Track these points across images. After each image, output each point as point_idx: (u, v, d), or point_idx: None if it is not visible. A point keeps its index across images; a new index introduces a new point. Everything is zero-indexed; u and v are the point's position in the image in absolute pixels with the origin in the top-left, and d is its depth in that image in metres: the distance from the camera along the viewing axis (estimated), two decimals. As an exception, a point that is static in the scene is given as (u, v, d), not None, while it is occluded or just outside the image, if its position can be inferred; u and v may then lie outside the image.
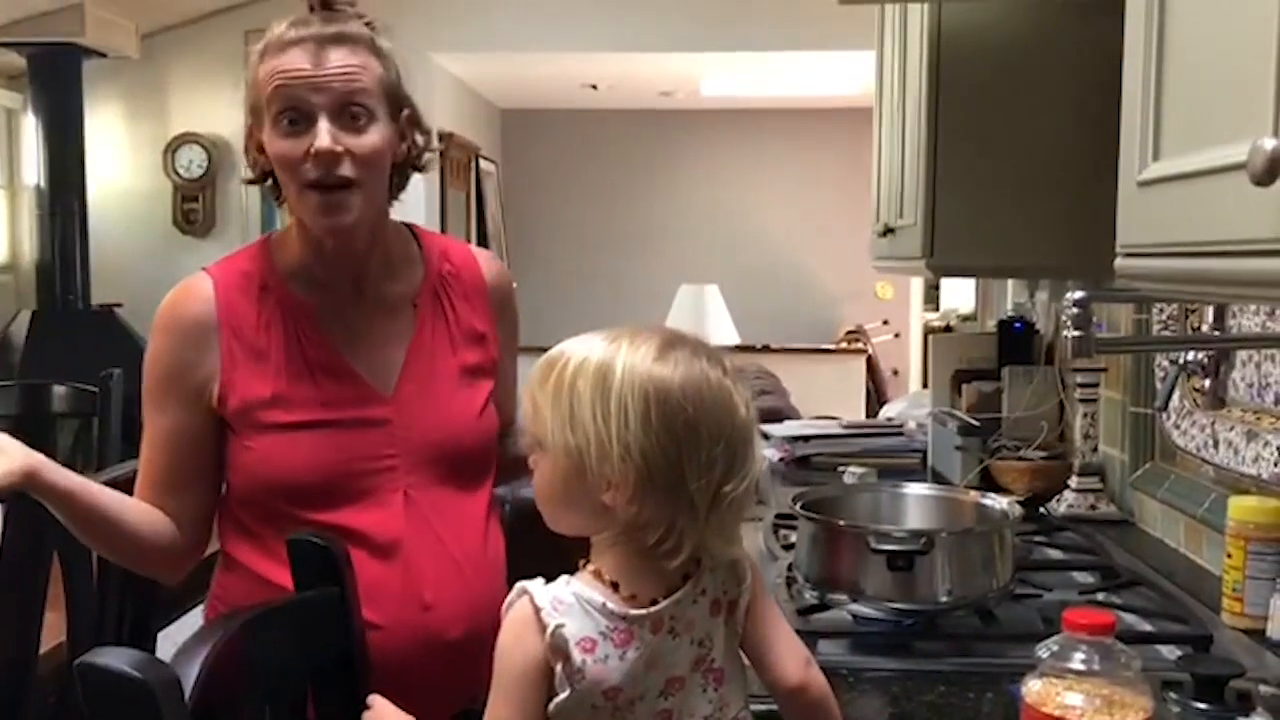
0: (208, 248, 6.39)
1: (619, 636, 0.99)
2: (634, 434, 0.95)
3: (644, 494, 0.96)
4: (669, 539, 0.98)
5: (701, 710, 1.02)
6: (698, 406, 0.97)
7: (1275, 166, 0.76)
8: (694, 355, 1.00)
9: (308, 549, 1.17)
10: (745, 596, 1.05)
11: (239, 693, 1.01)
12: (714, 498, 0.98)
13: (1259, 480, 1.60)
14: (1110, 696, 0.97)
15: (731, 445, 0.98)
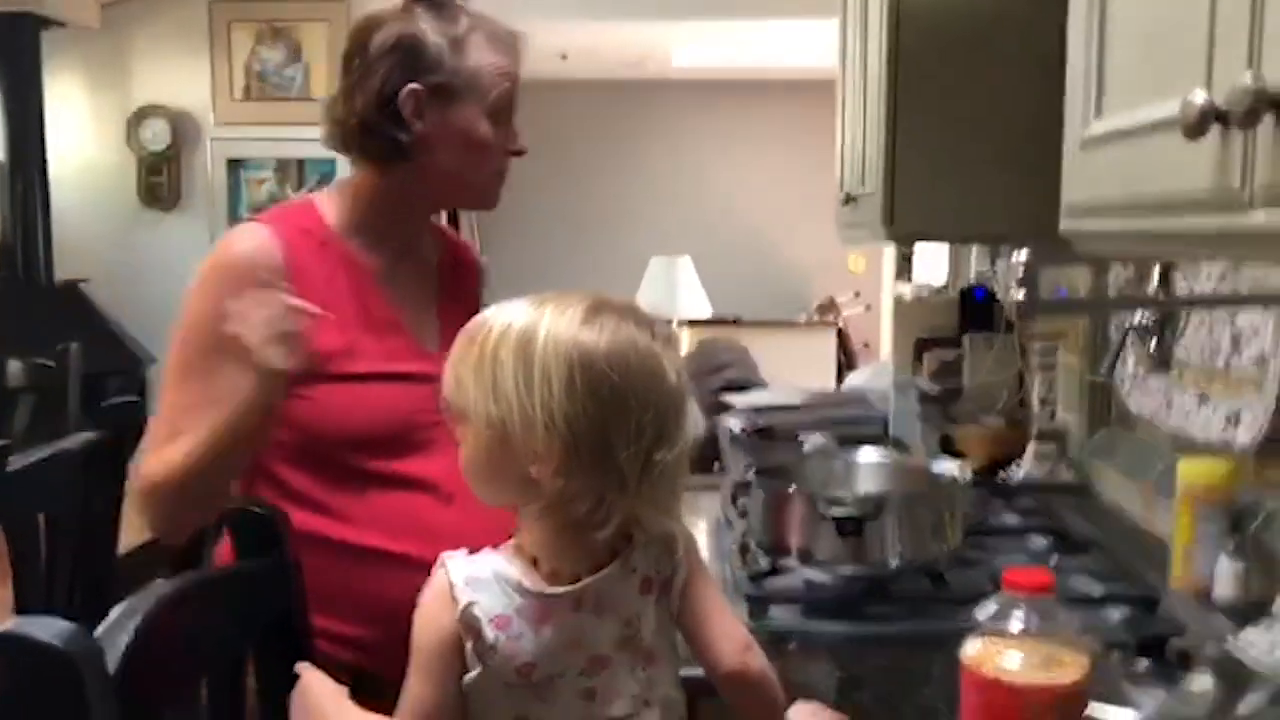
0: (174, 222, 6.32)
1: (535, 614, 0.98)
2: (558, 402, 0.93)
3: (571, 465, 0.94)
4: (598, 511, 0.95)
5: (629, 689, 1.00)
6: (624, 373, 0.94)
7: (1205, 120, 0.76)
8: (621, 320, 0.97)
9: (248, 519, 1.16)
10: (680, 574, 1.03)
11: (171, 663, 0.99)
12: (644, 467, 0.95)
13: (1209, 444, 1.61)
14: (1049, 655, 0.97)
15: (661, 412, 0.96)
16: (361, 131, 1.37)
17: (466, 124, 1.37)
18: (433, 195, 1.44)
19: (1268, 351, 1.46)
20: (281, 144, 6.24)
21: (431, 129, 1.36)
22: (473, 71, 1.36)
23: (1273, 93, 0.70)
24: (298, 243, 1.37)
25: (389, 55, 1.35)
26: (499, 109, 1.39)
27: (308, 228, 1.40)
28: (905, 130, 1.96)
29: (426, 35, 1.35)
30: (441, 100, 1.36)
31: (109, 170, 6.28)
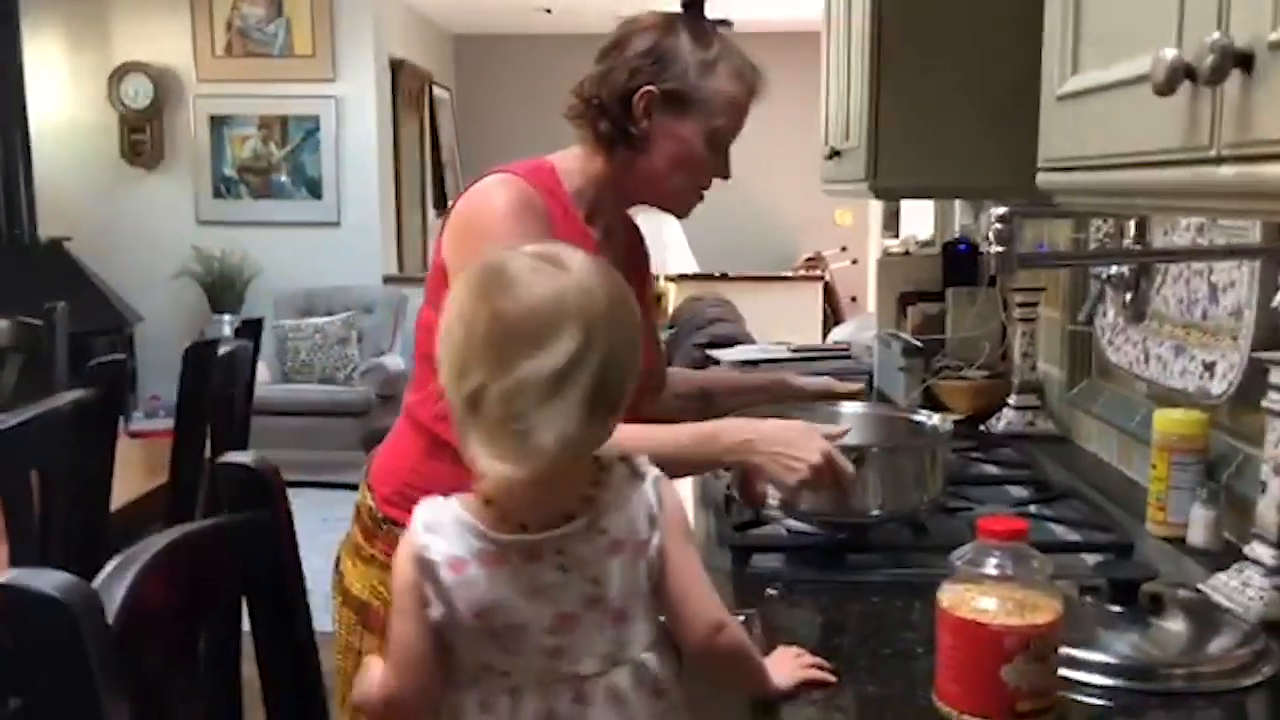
0: (157, 180, 6.30)
1: (487, 558, 1.01)
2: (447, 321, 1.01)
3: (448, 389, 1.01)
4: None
5: (598, 648, 1.03)
6: (487, 303, 0.99)
7: (1175, 76, 0.77)
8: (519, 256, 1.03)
9: (237, 472, 1.17)
10: (656, 539, 1.04)
11: (168, 614, 1.02)
12: (475, 394, 0.98)
13: (1186, 394, 1.64)
14: (1022, 600, 1.00)
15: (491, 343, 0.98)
16: (598, 111, 1.47)
17: (684, 137, 1.47)
18: (638, 189, 1.53)
19: (1243, 303, 1.48)
20: (264, 101, 6.21)
21: (654, 131, 1.46)
22: (709, 94, 1.47)
23: (1239, 49, 0.72)
24: (550, 201, 1.45)
25: (644, 56, 1.46)
26: (719, 135, 1.49)
27: (552, 189, 1.47)
28: (889, 85, 1.97)
29: (682, 50, 1.46)
30: (671, 108, 1.46)
31: (91, 128, 6.24)
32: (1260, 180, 0.72)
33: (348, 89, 6.20)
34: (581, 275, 1.01)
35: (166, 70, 6.20)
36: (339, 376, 5.85)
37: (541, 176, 1.47)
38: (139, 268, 6.19)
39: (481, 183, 1.44)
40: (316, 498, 5.24)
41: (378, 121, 6.29)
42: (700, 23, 1.50)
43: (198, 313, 6.20)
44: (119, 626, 0.91)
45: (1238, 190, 0.75)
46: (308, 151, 6.26)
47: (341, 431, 5.53)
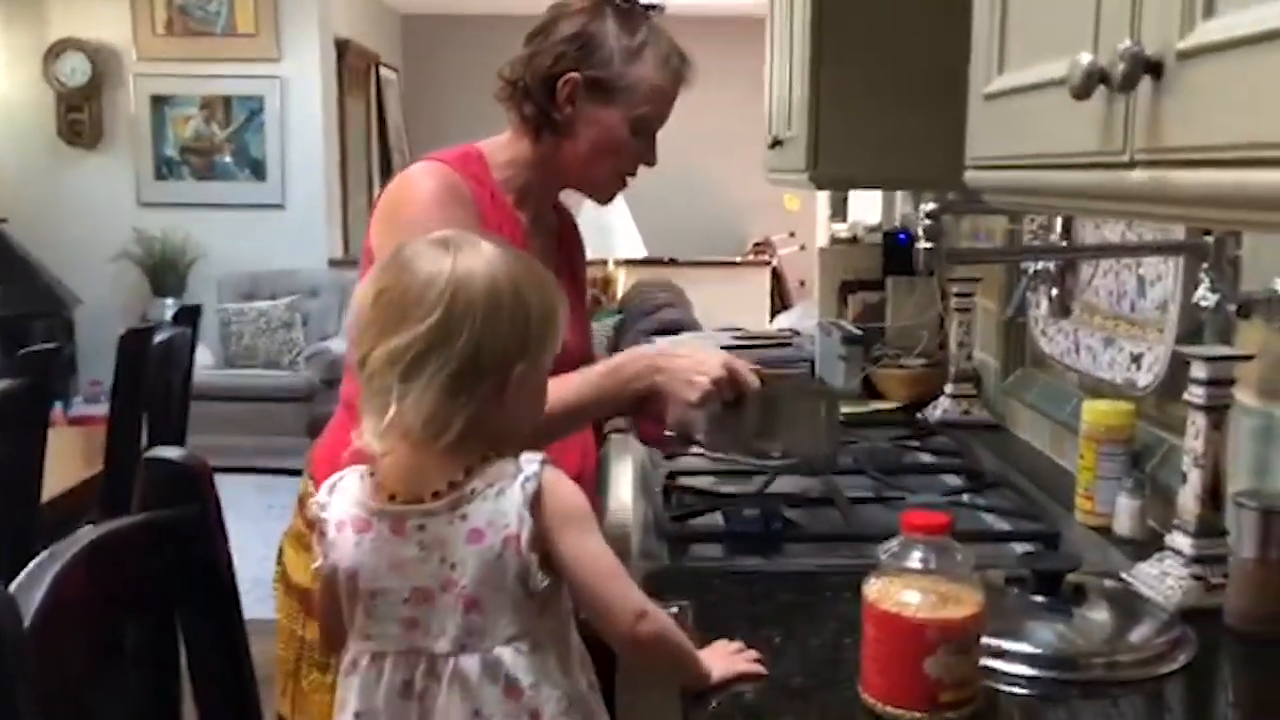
0: (96, 160, 6.18)
1: (358, 524, 1.09)
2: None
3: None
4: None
5: (449, 631, 1.06)
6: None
7: (1091, 82, 0.78)
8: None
9: (164, 467, 1.16)
10: (526, 535, 1.04)
11: (89, 613, 1.00)
12: (360, 365, 1.06)
13: (1114, 385, 1.67)
14: (945, 593, 1.02)
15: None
16: (523, 95, 1.47)
17: (608, 124, 1.47)
18: (563, 173, 1.53)
19: (1169, 297, 1.51)
20: (207, 80, 6.11)
21: (577, 117, 1.46)
22: (633, 82, 1.46)
23: (1149, 57, 0.73)
24: (476, 188, 1.45)
25: (568, 42, 1.45)
26: (643, 122, 1.49)
27: (479, 175, 1.47)
28: (829, 76, 1.98)
29: (607, 36, 1.46)
30: (595, 95, 1.46)
31: (26, 106, 6.10)
32: (1169, 186, 0.73)
33: (292, 69, 6.11)
34: (467, 260, 1.06)
35: (104, 48, 6.08)
36: (283, 361, 5.79)
37: (469, 163, 1.47)
38: (78, 250, 6.08)
39: (408, 170, 1.46)
40: (260, 483, 5.20)
41: (323, 102, 6.21)
42: (629, 7, 1.49)
43: (139, 296, 6.10)
44: (36, 629, 0.89)
45: (1149, 195, 0.77)
46: (251, 132, 6.17)
47: (285, 417, 5.48)
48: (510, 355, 1.06)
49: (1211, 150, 0.68)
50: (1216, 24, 0.67)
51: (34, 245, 5.86)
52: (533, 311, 1.07)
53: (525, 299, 1.07)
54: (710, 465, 1.85)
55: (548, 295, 1.10)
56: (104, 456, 2.32)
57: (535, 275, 1.11)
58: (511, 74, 1.49)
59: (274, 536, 1.65)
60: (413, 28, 8.17)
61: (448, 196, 1.40)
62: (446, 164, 1.45)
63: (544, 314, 1.09)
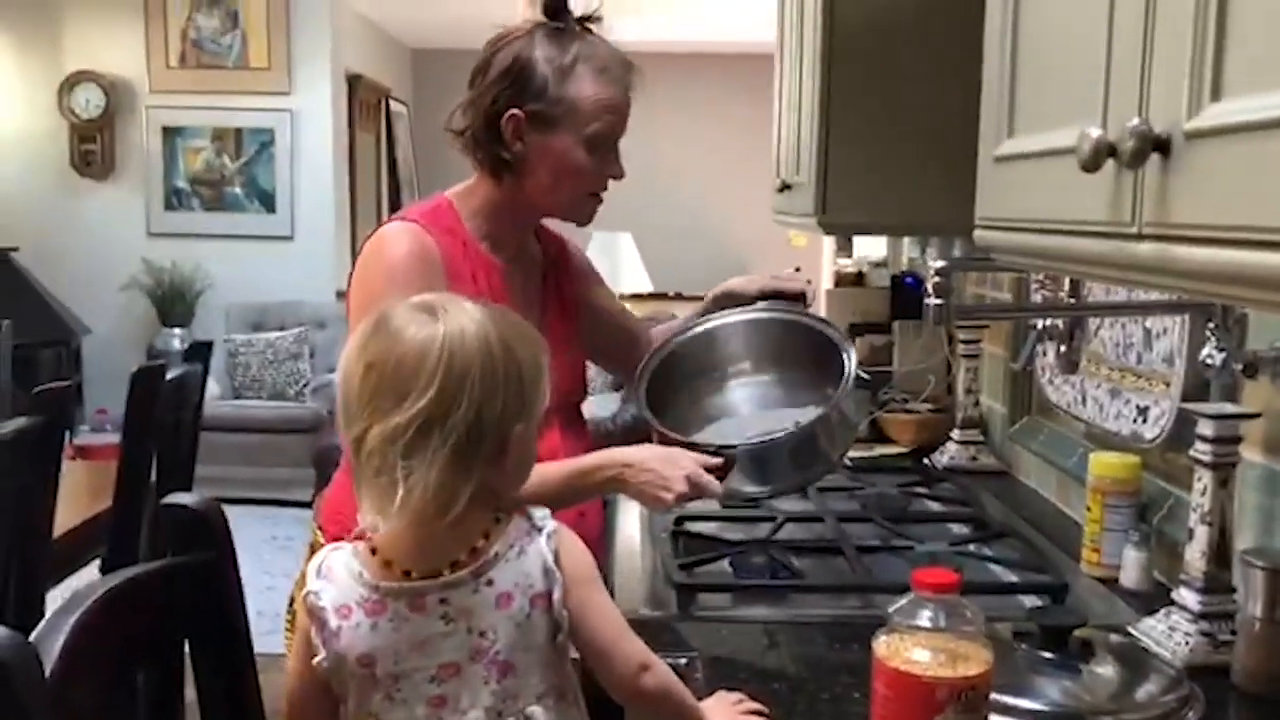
0: (108, 191, 6.22)
1: (370, 606, 1.04)
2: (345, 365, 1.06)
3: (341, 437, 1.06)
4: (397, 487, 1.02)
5: (482, 701, 1.04)
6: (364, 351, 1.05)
7: (1100, 155, 0.80)
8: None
9: (181, 514, 1.17)
10: (557, 592, 1.05)
11: (107, 660, 1.01)
12: (356, 444, 1.02)
13: (1120, 436, 1.68)
14: (954, 651, 1.02)
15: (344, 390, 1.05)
16: (474, 143, 1.48)
17: (561, 150, 1.45)
18: (534, 207, 1.52)
19: (1175, 350, 1.52)
20: (218, 113, 6.16)
21: (529, 151, 1.45)
22: (572, 102, 1.44)
23: (1157, 135, 0.75)
24: (445, 242, 1.45)
25: (501, 79, 1.44)
26: (596, 138, 1.46)
27: (450, 228, 1.47)
28: (838, 124, 1.99)
29: (537, 63, 1.44)
30: (539, 126, 1.44)
31: (40, 137, 6.15)
32: (1175, 260, 0.75)
33: (303, 102, 6.16)
34: (457, 325, 1.03)
35: (119, 80, 6.13)
36: (289, 392, 5.81)
37: (439, 217, 1.48)
38: (88, 279, 6.11)
39: (379, 233, 1.46)
40: (264, 515, 5.20)
41: (333, 135, 6.26)
42: (560, 28, 1.47)
43: (146, 325, 6.12)
44: (56, 678, 0.90)
45: (1155, 267, 0.78)
46: (262, 164, 6.22)
47: (291, 448, 5.49)
48: (509, 417, 1.04)
49: (1217, 229, 0.69)
50: (1223, 107, 0.69)
51: (44, 274, 5.90)
52: (525, 369, 1.06)
53: (517, 357, 1.05)
54: (717, 511, 1.86)
55: (536, 350, 1.09)
56: (114, 493, 2.33)
57: (521, 331, 1.09)
58: (458, 124, 1.49)
59: (277, 568, 1.67)
60: (422, 62, 8.24)
61: (413, 262, 1.41)
62: (417, 223, 1.45)
63: (535, 371, 1.08)
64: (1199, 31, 0.71)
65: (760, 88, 6.93)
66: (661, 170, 7.80)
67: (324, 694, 1.08)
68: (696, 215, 8.08)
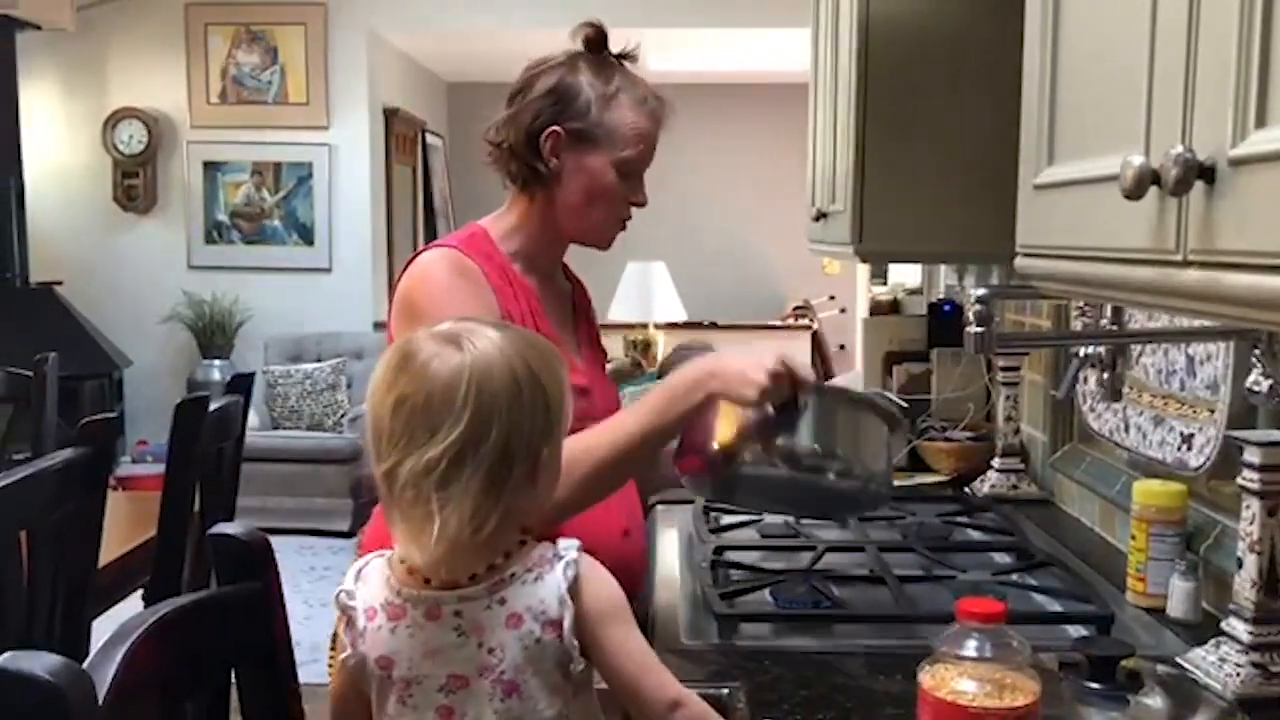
0: (149, 225, 6.32)
1: (392, 610, 1.08)
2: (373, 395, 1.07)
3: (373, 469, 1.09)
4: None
5: (485, 717, 1.06)
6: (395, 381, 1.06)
7: (1143, 183, 0.80)
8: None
9: (229, 544, 1.19)
10: (568, 621, 1.05)
11: (157, 688, 1.02)
12: (388, 477, 1.04)
13: (1164, 464, 1.66)
14: (1001, 681, 1.02)
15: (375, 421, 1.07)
16: (509, 155, 1.52)
17: (594, 170, 1.51)
18: (560, 227, 1.56)
19: (1219, 377, 1.51)
20: (258, 147, 6.25)
21: (563, 168, 1.50)
22: (612, 126, 1.50)
23: (1201, 162, 0.75)
24: (483, 265, 1.48)
25: (545, 97, 1.49)
26: (627, 164, 1.52)
27: (487, 252, 1.51)
28: (874, 152, 1.99)
29: (582, 86, 1.50)
30: (577, 145, 1.50)
31: (84, 173, 6.27)
32: (1224, 287, 0.75)
33: (341, 136, 6.25)
34: (482, 354, 1.04)
35: (161, 116, 6.25)
36: (327, 423, 5.85)
37: (476, 243, 1.51)
38: (129, 312, 6.21)
39: (419, 259, 1.49)
40: (303, 545, 5.23)
41: (371, 168, 6.34)
42: (601, 58, 1.53)
43: (187, 357, 6.20)
44: (109, 706, 0.92)
45: (1202, 294, 0.78)
46: (300, 197, 6.30)
47: (329, 479, 5.53)
48: (537, 440, 1.06)
49: (1264, 255, 0.69)
50: (1268, 134, 0.68)
51: (87, 307, 5.99)
52: (550, 391, 1.08)
53: (541, 380, 1.07)
54: (757, 540, 1.85)
55: (558, 370, 1.11)
56: (158, 523, 2.36)
57: (543, 352, 1.11)
58: (496, 136, 1.53)
59: (315, 598, 1.68)
60: (458, 95, 8.33)
61: (461, 282, 1.43)
62: (455, 248, 1.48)
63: (559, 391, 1.09)
64: (1242, 58, 0.71)
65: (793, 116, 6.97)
66: (695, 199, 7.82)
67: (359, 692, 1.12)
68: (730, 244, 8.09)
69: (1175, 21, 0.79)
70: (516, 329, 1.14)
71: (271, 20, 6.15)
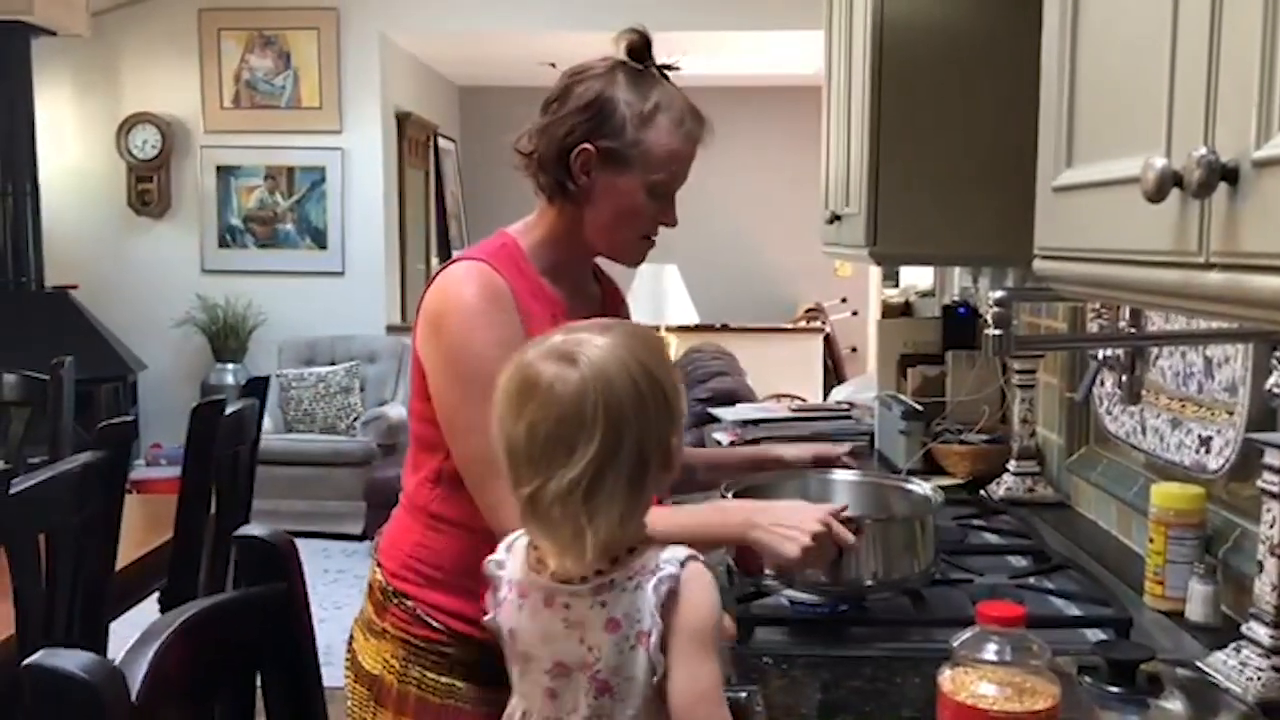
0: (163, 229, 6.35)
1: (522, 589, 1.12)
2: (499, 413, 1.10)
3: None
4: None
5: (580, 709, 1.08)
6: (522, 399, 1.08)
7: (1165, 185, 0.80)
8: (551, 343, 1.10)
9: (255, 545, 1.19)
10: (655, 636, 1.06)
11: (186, 688, 1.03)
12: (533, 499, 1.06)
13: (1182, 467, 1.66)
14: (1020, 685, 1.02)
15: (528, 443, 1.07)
16: (539, 167, 1.49)
17: (625, 191, 1.47)
18: (587, 242, 1.53)
19: (1237, 380, 1.50)
20: (271, 151, 6.27)
21: (594, 186, 1.47)
22: (647, 147, 1.46)
23: (1224, 164, 0.74)
24: (513, 278, 1.46)
25: (581, 111, 1.46)
26: (659, 186, 1.48)
27: (517, 264, 1.49)
28: (889, 155, 1.99)
29: (618, 103, 1.46)
30: (609, 164, 1.46)
31: (99, 177, 6.30)
32: (1249, 290, 0.74)
33: (354, 140, 6.27)
34: (598, 366, 1.06)
35: (174, 121, 6.28)
36: (341, 426, 5.87)
37: (506, 254, 1.49)
38: (143, 315, 6.23)
39: (446, 274, 1.47)
40: (317, 548, 5.24)
41: (383, 172, 6.35)
42: (643, 70, 1.49)
43: (201, 361, 6.23)
44: (141, 703, 0.92)
45: (1226, 297, 0.78)
46: (313, 201, 6.32)
47: (342, 481, 5.54)
48: (665, 432, 1.09)
49: (1291, 257, 0.69)
50: (1293, 136, 0.68)
51: (102, 311, 6.02)
52: (665, 381, 1.10)
53: (656, 374, 1.09)
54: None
55: (666, 359, 1.14)
56: (174, 525, 2.37)
57: (648, 341, 1.13)
58: (527, 146, 1.50)
59: (329, 600, 1.68)
60: (470, 99, 8.35)
61: (488, 301, 1.42)
62: (483, 261, 1.46)
63: (672, 376, 1.12)
64: (1266, 58, 0.70)
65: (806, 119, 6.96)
66: (707, 203, 7.79)
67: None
68: (742, 247, 8.09)
69: (1198, 21, 0.79)
70: (618, 325, 1.14)
71: (284, 25, 6.18)
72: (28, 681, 0.87)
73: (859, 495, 1.65)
